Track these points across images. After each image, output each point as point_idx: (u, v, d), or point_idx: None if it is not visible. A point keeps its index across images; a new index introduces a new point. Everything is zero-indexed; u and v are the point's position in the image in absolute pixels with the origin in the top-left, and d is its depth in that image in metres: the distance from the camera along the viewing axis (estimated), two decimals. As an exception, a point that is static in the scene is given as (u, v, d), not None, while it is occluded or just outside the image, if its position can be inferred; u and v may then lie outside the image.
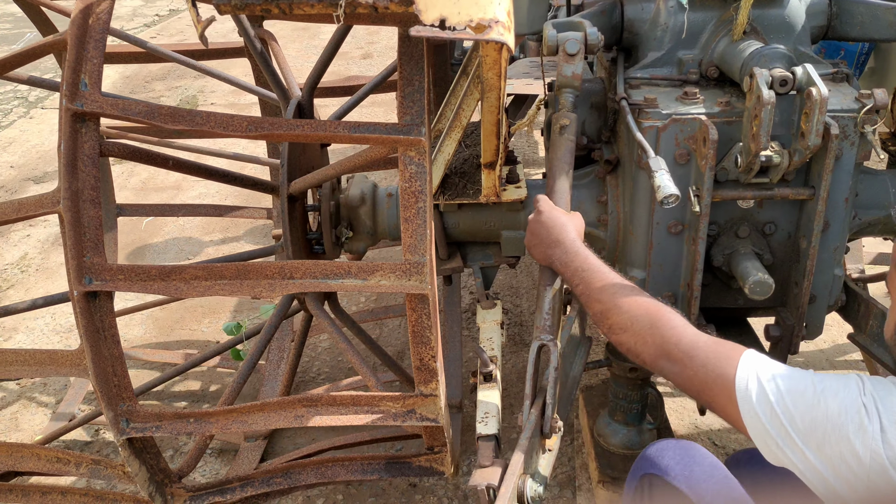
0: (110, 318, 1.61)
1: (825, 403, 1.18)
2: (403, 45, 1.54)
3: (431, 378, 1.59)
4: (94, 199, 1.56)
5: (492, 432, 1.81)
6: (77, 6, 1.55)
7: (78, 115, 1.54)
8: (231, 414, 1.64)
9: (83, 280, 1.55)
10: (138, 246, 4.00)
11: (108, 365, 1.61)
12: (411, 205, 1.51)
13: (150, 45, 2.49)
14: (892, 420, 1.14)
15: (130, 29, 8.03)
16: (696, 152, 1.84)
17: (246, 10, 1.35)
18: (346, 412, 1.61)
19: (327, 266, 1.54)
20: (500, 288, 3.50)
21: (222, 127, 1.53)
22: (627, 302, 1.44)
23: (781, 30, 1.95)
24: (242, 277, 1.55)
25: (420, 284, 1.51)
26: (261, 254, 2.40)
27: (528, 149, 4.84)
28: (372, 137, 1.53)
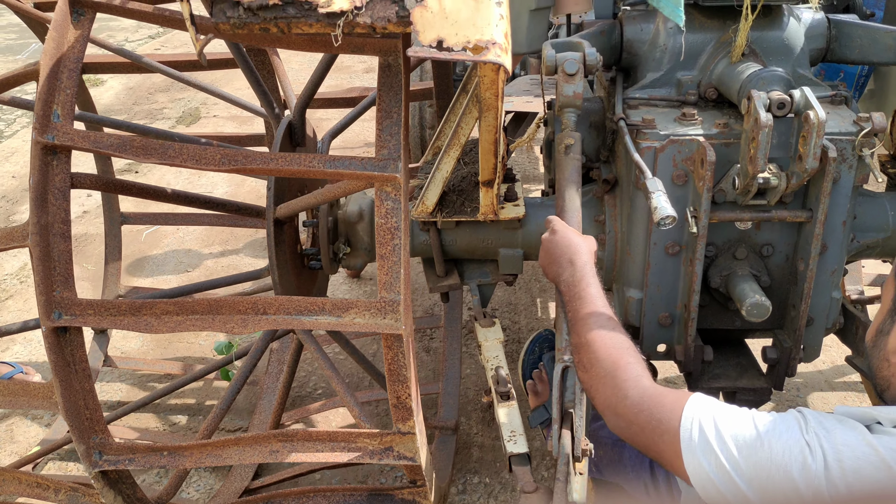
0: (80, 351, 1.59)
1: (769, 445, 1.15)
2: (383, 75, 1.51)
3: (409, 416, 1.58)
4: (63, 232, 1.53)
5: (523, 451, 1.81)
6: (50, 34, 1.52)
7: (49, 148, 1.51)
8: (205, 448, 1.62)
9: (52, 315, 1.53)
10: (138, 258, 4.00)
11: (80, 398, 1.59)
12: (387, 241, 1.49)
13: (145, 60, 2.49)
14: (835, 457, 1.11)
15: (135, 40, 8.07)
16: (693, 173, 1.84)
17: (245, 30, 1.35)
18: (322, 448, 1.59)
19: (301, 302, 1.52)
20: (498, 305, 3.49)
21: (194, 160, 1.50)
22: (597, 341, 1.41)
23: (780, 52, 1.95)
24: (214, 313, 1.53)
25: (395, 323, 1.49)
26: (252, 276, 2.39)
27: (529, 165, 4.85)
28: (347, 173, 1.51)
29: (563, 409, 1.54)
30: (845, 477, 1.10)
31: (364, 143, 5.33)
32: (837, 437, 1.13)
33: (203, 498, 2.50)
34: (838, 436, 1.13)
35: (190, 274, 3.87)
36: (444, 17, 1.32)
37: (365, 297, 3.63)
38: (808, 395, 2.90)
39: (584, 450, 1.49)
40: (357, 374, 3.05)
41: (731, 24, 1.93)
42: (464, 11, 1.32)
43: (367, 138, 5.41)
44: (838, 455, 1.11)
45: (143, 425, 2.82)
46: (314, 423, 2.84)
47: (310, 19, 1.33)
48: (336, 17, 1.32)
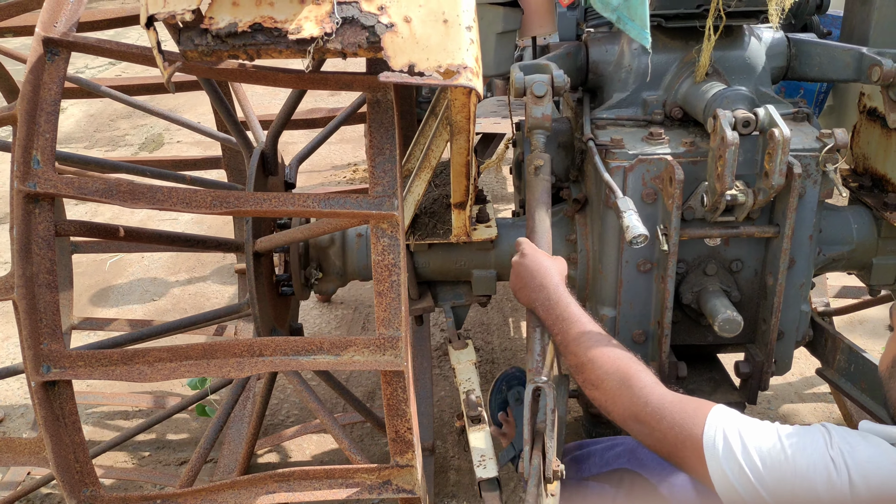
0: (70, 404, 1.53)
1: (793, 460, 1.17)
2: (373, 111, 1.50)
3: (407, 449, 1.56)
4: (49, 283, 1.48)
5: (492, 475, 1.79)
6: (26, 77, 1.48)
7: (31, 196, 1.46)
8: (199, 493, 1.57)
9: (41, 369, 1.48)
10: (102, 287, 3.93)
11: (70, 452, 1.54)
12: (384, 278, 1.47)
13: (104, 90, 2.45)
14: (860, 473, 1.13)
15: (97, 66, 7.97)
16: (662, 192, 1.86)
17: (213, 57, 1.34)
18: (320, 486, 1.56)
19: (298, 342, 1.50)
20: (471, 325, 3.49)
21: (184, 204, 1.46)
22: (601, 357, 1.43)
23: (743, 71, 1.99)
24: (209, 357, 1.49)
25: (395, 360, 1.47)
26: (229, 311, 2.36)
27: (497, 185, 4.87)
28: (343, 212, 1.48)
29: (535, 430, 1.54)
30: (871, 492, 1.11)
31: (331, 167, 5.32)
32: (861, 454, 1.14)
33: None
34: (862, 452, 1.15)
35: (156, 302, 3.81)
36: (415, 42, 1.32)
37: (336, 321, 3.60)
38: (779, 406, 2.94)
39: (555, 471, 1.49)
40: (331, 398, 3.01)
41: (693, 45, 1.97)
42: (434, 37, 1.33)
43: (334, 161, 5.39)
44: (863, 471, 1.13)
45: (109, 461, 2.75)
46: (287, 451, 2.80)
47: (279, 46, 1.33)
48: (306, 43, 1.32)
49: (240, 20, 1.31)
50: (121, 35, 8.94)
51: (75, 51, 1.52)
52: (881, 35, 2.07)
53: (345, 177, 5.15)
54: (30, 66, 1.47)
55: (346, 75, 1.53)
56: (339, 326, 3.55)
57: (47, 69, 1.48)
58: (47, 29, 1.50)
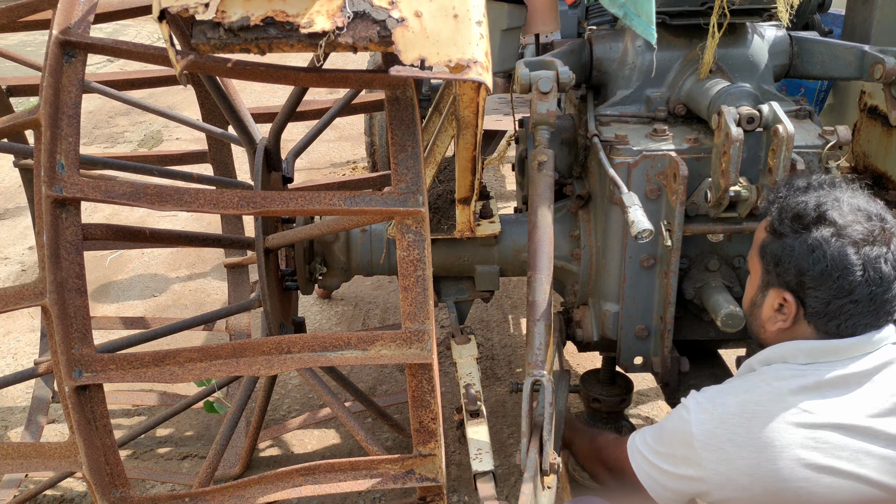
0: (101, 407, 1.54)
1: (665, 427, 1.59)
2: (393, 109, 1.51)
3: (430, 439, 1.58)
4: (79, 287, 1.49)
5: (488, 468, 1.80)
6: (46, 81, 1.47)
7: (58, 202, 1.46)
8: (227, 490, 1.58)
9: (73, 374, 1.48)
10: (102, 283, 3.93)
11: (101, 455, 1.54)
12: (410, 273, 1.49)
13: (101, 87, 2.45)
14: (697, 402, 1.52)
15: (95, 63, 7.96)
16: (666, 188, 1.87)
17: (225, 50, 1.35)
18: (345, 478, 1.57)
19: (325, 339, 1.51)
20: (471, 322, 3.50)
21: (212, 205, 1.47)
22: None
23: (746, 68, 2.01)
24: (238, 356, 1.51)
25: (422, 353, 1.50)
26: (240, 308, 2.36)
27: (497, 182, 4.89)
28: (369, 210, 1.50)
29: (533, 423, 1.55)
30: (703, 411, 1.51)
31: (330, 164, 5.32)
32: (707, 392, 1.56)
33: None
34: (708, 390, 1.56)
35: (157, 299, 3.81)
36: (426, 36, 1.33)
37: (336, 317, 3.61)
38: (778, 403, 2.95)
39: (552, 463, 1.51)
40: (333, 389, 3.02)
41: (697, 42, 1.99)
42: (445, 31, 1.34)
43: (333, 158, 5.40)
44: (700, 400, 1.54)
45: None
46: (289, 445, 2.81)
47: (291, 40, 1.34)
48: (317, 37, 1.33)
49: (252, 14, 1.32)
50: (119, 32, 8.93)
51: (92, 52, 1.52)
52: (883, 33, 2.09)
53: (344, 174, 5.16)
54: (49, 69, 1.46)
55: (366, 73, 1.54)
56: (339, 322, 3.56)
57: (66, 72, 1.48)
58: (64, 31, 1.49)
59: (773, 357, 1.50)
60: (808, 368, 1.45)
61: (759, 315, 1.55)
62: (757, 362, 1.54)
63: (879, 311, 1.42)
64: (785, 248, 1.46)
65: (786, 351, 1.48)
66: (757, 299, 1.56)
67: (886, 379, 1.42)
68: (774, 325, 1.51)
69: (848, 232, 1.40)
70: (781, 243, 1.47)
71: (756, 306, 1.56)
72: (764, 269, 1.53)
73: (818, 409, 1.40)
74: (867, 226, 1.41)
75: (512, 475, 2.59)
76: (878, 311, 1.42)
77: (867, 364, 1.43)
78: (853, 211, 1.43)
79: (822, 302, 1.43)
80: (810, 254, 1.42)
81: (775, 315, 1.50)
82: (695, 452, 1.46)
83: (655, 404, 2.91)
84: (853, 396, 1.41)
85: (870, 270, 1.39)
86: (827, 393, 1.42)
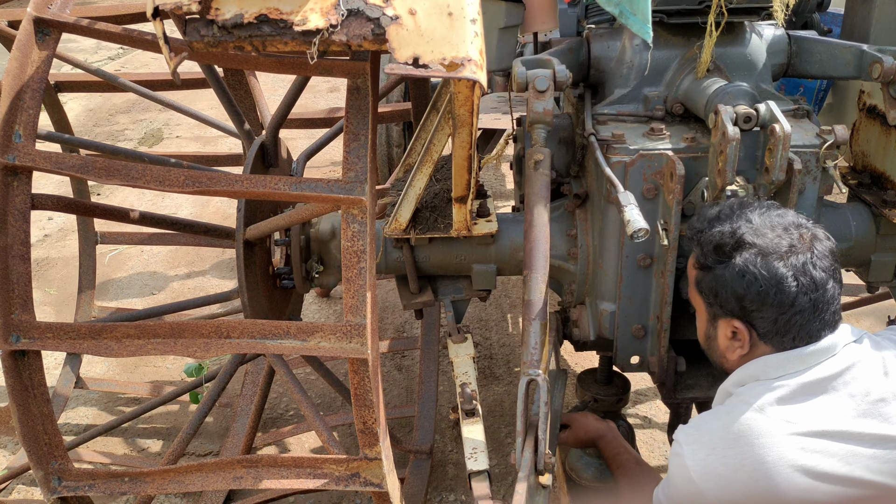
0: (39, 375, 1.56)
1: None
2: (352, 97, 1.51)
3: (375, 442, 1.56)
4: (23, 254, 1.51)
5: (483, 468, 1.80)
6: (13, 54, 1.50)
7: (10, 169, 1.49)
8: (168, 474, 1.59)
9: (10, 338, 1.50)
10: (102, 281, 3.93)
11: (38, 423, 1.56)
12: (353, 265, 1.48)
13: (109, 76, 2.46)
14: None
15: (94, 62, 7.96)
16: (663, 187, 1.87)
17: (219, 48, 1.35)
18: (287, 475, 1.56)
19: (265, 326, 1.51)
20: (470, 321, 3.50)
21: (158, 182, 1.48)
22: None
23: (743, 67, 2.00)
24: (177, 336, 1.51)
25: (360, 348, 1.48)
26: (220, 298, 2.36)
27: (496, 181, 4.88)
28: (313, 196, 1.50)
29: (528, 422, 1.55)
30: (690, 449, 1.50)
31: (331, 163, 5.32)
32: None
33: (175, 524, 2.45)
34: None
35: (156, 296, 3.81)
36: (420, 34, 1.33)
37: (335, 316, 3.61)
38: (777, 403, 2.95)
39: (546, 462, 1.51)
40: (330, 394, 3.02)
41: (695, 41, 1.98)
42: (439, 29, 1.33)
43: (334, 157, 5.40)
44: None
45: (112, 450, 2.76)
46: (288, 445, 2.81)
47: (285, 37, 1.34)
48: (311, 35, 1.33)
49: (246, 11, 1.32)
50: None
51: (66, 31, 1.54)
52: (882, 32, 2.08)
53: (344, 173, 5.16)
54: (18, 43, 1.49)
55: (326, 61, 1.53)
56: (338, 321, 3.56)
57: (36, 48, 1.50)
58: (40, 10, 1.52)
59: (744, 378, 1.52)
60: (779, 381, 1.46)
61: (716, 347, 1.58)
62: (731, 385, 1.55)
63: (825, 314, 1.45)
64: (717, 279, 1.50)
65: (755, 369, 1.50)
66: (710, 332, 1.59)
67: (856, 380, 1.45)
68: (734, 353, 1.54)
69: (769, 248, 1.44)
70: (712, 275, 1.51)
71: (711, 339, 1.59)
72: (706, 302, 1.56)
73: (800, 418, 1.41)
74: (786, 238, 1.46)
75: (510, 474, 2.59)
76: (824, 313, 1.45)
77: (833, 367, 1.45)
78: (768, 228, 1.47)
79: (769, 321, 1.46)
80: (741, 278, 1.45)
81: (731, 343, 1.53)
82: (695, 486, 1.45)
83: (653, 404, 2.91)
84: (829, 401, 1.43)
85: (802, 278, 1.43)
86: (803, 400, 1.44)
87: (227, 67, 1.96)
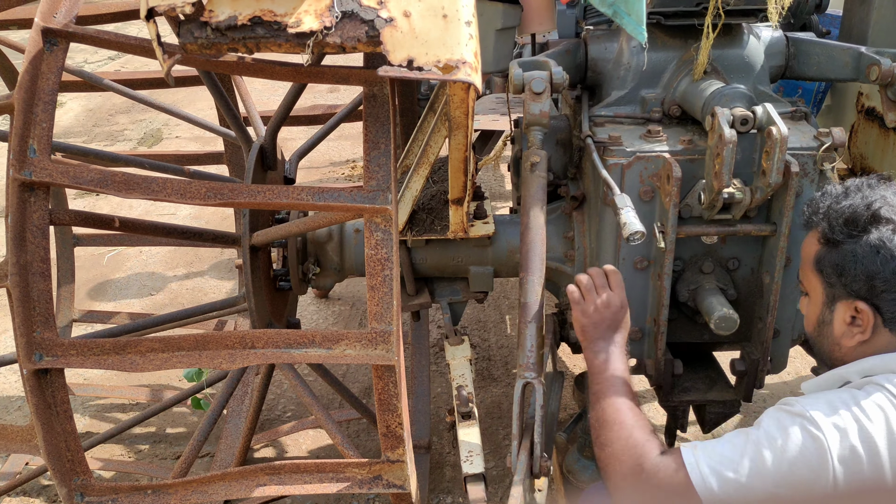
0: (62, 392, 1.54)
1: (780, 443, 1.33)
2: (369, 105, 1.50)
3: (398, 444, 1.56)
4: (43, 271, 1.49)
5: (479, 471, 1.80)
6: (24, 67, 1.48)
7: (26, 185, 1.47)
8: (190, 485, 1.58)
9: (33, 357, 1.49)
10: (100, 282, 3.93)
11: (61, 441, 1.55)
12: (377, 272, 1.48)
13: (107, 83, 2.45)
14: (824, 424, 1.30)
15: (95, 61, 7.97)
16: (660, 189, 1.86)
17: (213, 50, 1.34)
18: (311, 480, 1.56)
19: (290, 335, 1.50)
20: (468, 322, 3.49)
21: (179, 194, 1.47)
22: (619, 423, 1.49)
23: (741, 69, 1.99)
24: (202, 348, 1.50)
25: (386, 354, 1.48)
26: (225, 305, 2.35)
27: (495, 182, 4.88)
28: (337, 206, 1.49)
29: (524, 425, 1.54)
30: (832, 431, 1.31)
31: (329, 163, 5.32)
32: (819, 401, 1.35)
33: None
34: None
35: (154, 297, 3.81)
36: (414, 36, 1.32)
37: (333, 317, 3.60)
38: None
39: (543, 466, 1.50)
40: (328, 394, 3.02)
41: (692, 43, 1.97)
42: (434, 31, 1.33)
43: (332, 157, 5.39)
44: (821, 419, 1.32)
45: (107, 455, 2.75)
46: (283, 446, 2.80)
47: (279, 40, 1.33)
48: (305, 37, 1.32)
49: (239, 13, 1.31)
50: (120, 30, 8.93)
51: (74, 41, 1.52)
52: (880, 34, 2.08)
53: (343, 173, 5.15)
54: (28, 56, 1.47)
55: (342, 69, 1.53)
56: (336, 322, 3.55)
57: (45, 59, 1.49)
58: (46, 19, 1.50)
59: (876, 368, 1.37)
60: None
61: (830, 333, 1.44)
62: (853, 373, 1.40)
63: None
64: (845, 256, 1.38)
65: (889, 360, 1.37)
66: (824, 317, 1.45)
67: None
68: (852, 339, 1.40)
69: None
70: (840, 251, 1.39)
71: (824, 324, 1.45)
72: (825, 283, 1.43)
73: None
74: None
75: (507, 476, 2.58)
76: None
77: None
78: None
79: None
80: (875, 255, 1.34)
81: (849, 329, 1.40)
82: (827, 469, 1.29)
83: (651, 405, 2.90)
84: None
85: None
86: None
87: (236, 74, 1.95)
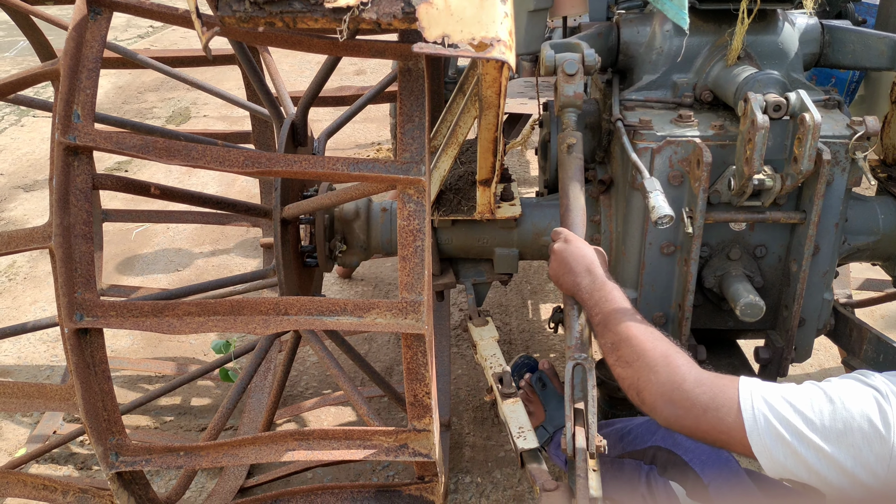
0: (101, 353, 1.59)
1: (840, 399, 1.22)
2: (404, 79, 1.52)
3: (425, 413, 1.59)
4: (86, 234, 1.53)
5: (534, 446, 1.80)
6: (69, 34, 1.52)
7: (70, 149, 1.51)
8: (221, 448, 1.62)
9: (74, 317, 1.53)
10: (128, 256, 3.98)
11: (98, 400, 1.59)
12: (409, 243, 1.50)
13: (140, 57, 2.48)
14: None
15: (124, 39, 8.03)
16: (689, 174, 1.86)
17: (250, 23, 1.36)
18: (338, 447, 1.59)
19: (322, 303, 1.53)
20: (489, 306, 3.50)
21: (218, 162, 1.50)
22: (638, 336, 1.42)
23: (775, 56, 1.98)
24: (236, 313, 1.53)
25: (416, 323, 1.50)
26: (254, 277, 2.38)
27: (520, 168, 4.87)
28: (371, 176, 1.51)
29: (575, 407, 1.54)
30: None
31: (355, 145, 5.34)
32: None
33: (196, 497, 2.49)
34: None
35: (181, 273, 3.86)
36: (450, 13, 1.33)
37: (356, 297, 3.63)
38: (797, 397, 2.93)
39: (598, 446, 1.50)
40: (351, 372, 3.05)
41: (726, 28, 1.96)
42: (469, 9, 1.33)
43: (357, 140, 5.41)
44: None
45: (133, 423, 2.80)
46: (305, 421, 2.84)
47: (315, 14, 1.34)
48: (342, 12, 1.33)
49: (277, -13, 1.32)
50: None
51: (117, 10, 1.56)
52: (917, 23, 2.05)
53: (368, 155, 5.17)
54: (73, 23, 1.51)
55: (378, 43, 1.55)
56: (359, 302, 3.58)
57: (90, 27, 1.52)
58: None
59: None
60: None
61: None
62: None
63: None
64: None
65: None
66: None
67: None
68: None
69: None
70: None
71: None
72: None
73: None
74: None
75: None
76: None
77: None
78: None
79: None
80: None
81: None
82: (886, 448, 1.19)
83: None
84: None
85: None
86: None
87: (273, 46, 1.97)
